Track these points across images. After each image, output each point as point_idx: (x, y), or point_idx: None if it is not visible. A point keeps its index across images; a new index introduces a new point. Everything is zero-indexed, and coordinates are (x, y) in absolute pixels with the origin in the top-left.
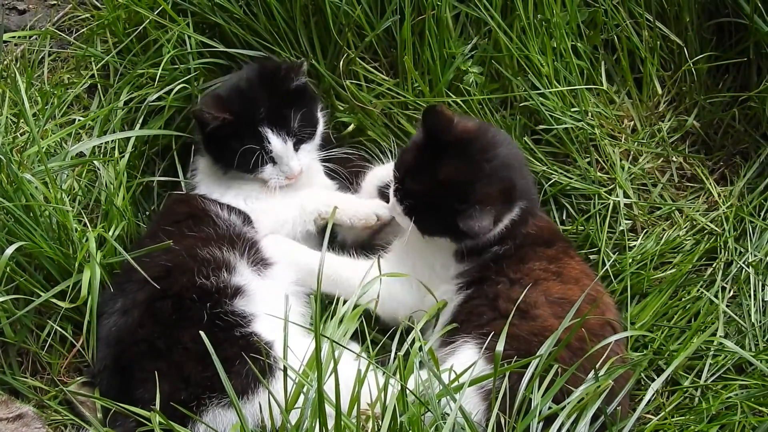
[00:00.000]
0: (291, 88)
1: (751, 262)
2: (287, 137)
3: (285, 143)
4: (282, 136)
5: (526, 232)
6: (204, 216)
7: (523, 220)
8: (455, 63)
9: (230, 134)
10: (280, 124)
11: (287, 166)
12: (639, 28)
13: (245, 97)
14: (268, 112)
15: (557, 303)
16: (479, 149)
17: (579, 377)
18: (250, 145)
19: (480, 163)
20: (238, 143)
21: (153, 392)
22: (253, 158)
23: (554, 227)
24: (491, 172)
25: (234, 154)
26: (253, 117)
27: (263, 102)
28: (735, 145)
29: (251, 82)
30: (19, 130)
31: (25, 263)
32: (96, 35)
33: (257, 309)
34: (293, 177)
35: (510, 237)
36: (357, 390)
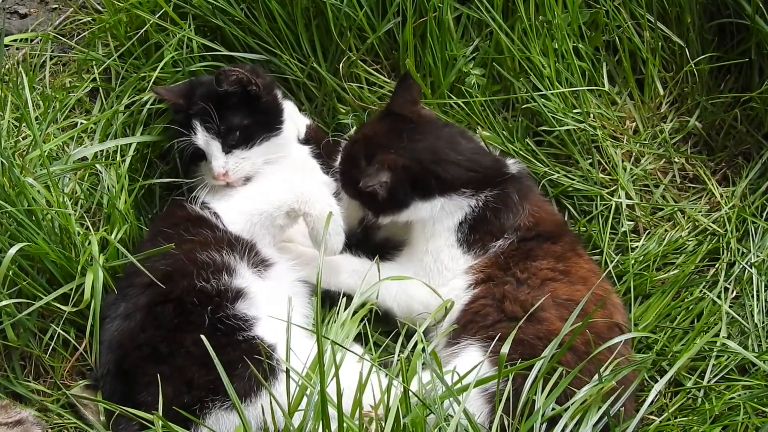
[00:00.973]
0: (221, 91)
1: (753, 262)
2: (214, 136)
3: (209, 140)
4: (209, 133)
5: (523, 223)
6: (202, 219)
7: (507, 207)
8: (457, 65)
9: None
10: (207, 121)
11: (211, 164)
12: (640, 29)
13: (191, 89)
14: (202, 108)
15: (564, 305)
16: (410, 129)
17: (585, 380)
18: (183, 136)
19: (401, 138)
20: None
21: (156, 396)
22: (185, 149)
23: (557, 218)
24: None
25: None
26: (189, 107)
27: (201, 97)
28: (737, 145)
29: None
30: (21, 134)
31: (27, 267)
32: (97, 39)
33: (259, 312)
34: (217, 177)
35: (505, 229)
36: (360, 392)
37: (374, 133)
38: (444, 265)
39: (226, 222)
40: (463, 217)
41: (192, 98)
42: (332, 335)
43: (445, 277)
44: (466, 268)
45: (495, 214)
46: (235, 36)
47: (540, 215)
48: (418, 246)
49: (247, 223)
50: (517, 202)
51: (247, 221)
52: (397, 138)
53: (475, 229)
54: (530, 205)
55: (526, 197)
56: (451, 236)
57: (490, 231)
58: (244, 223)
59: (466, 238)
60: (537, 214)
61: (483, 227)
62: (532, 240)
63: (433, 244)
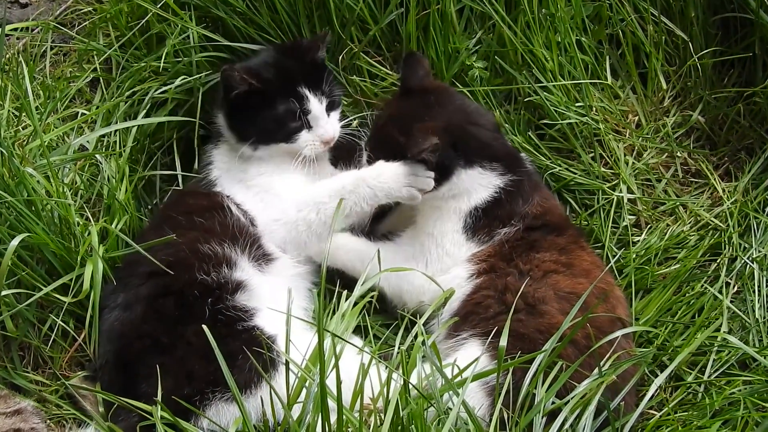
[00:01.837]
0: (318, 57)
1: (755, 257)
2: (322, 97)
3: (321, 104)
4: (318, 96)
5: (531, 211)
6: (209, 210)
7: (519, 193)
8: (460, 58)
9: (258, 103)
10: (315, 84)
11: (323, 128)
12: (644, 22)
13: (276, 67)
14: (304, 74)
15: (566, 298)
16: (433, 99)
17: (584, 374)
18: (285, 107)
19: (429, 107)
20: (271, 109)
21: (157, 387)
22: (290, 121)
23: (562, 211)
24: (438, 114)
25: (265, 123)
26: (288, 80)
27: (295, 68)
28: (740, 140)
29: (276, 57)
30: (21, 124)
31: (27, 257)
32: (98, 29)
33: (259, 303)
34: (329, 141)
35: (514, 215)
36: (359, 384)
37: (400, 110)
38: (445, 250)
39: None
40: (483, 200)
41: (281, 73)
42: (332, 327)
43: (445, 264)
44: (469, 256)
45: (508, 198)
46: (236, 26)
47: (547, 206)
48: (423, 228)
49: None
50: (529, 190)
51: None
52: (424, 108)
53: (487, 214)
54: (539, 196)
55: (536, 188)
56: (459, 221)
57: (499, 216)
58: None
59: (474, 224)
60: (545, 205)
61: (494, 211)
62: (538, 230)
63: (439, 228)
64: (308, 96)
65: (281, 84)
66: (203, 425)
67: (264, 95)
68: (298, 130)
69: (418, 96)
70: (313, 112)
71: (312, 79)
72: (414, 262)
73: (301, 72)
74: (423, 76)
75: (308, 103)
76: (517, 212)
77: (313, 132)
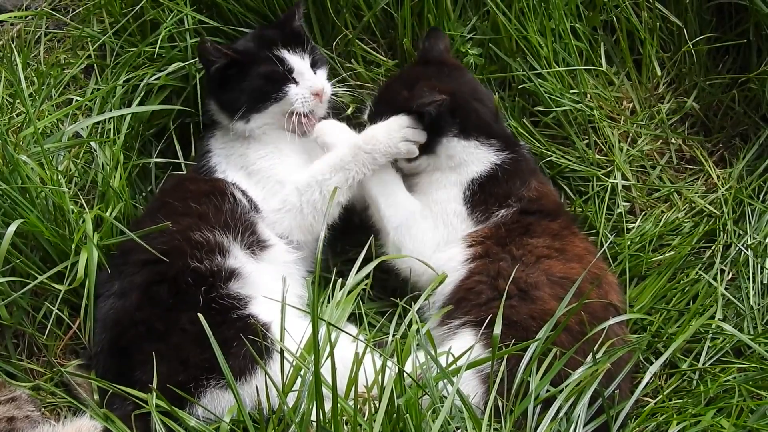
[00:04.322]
0: (295, 25)
1: (750, 244)
2: (304, 53)
3: (303, 59)
4: (299, 53)
5: (527, 194)
6: (206, 195)
7: (516, 173)
8: (454, 45)
9: (240, 73)
10: (294, 43)
11: (310, 80)
12: (638, 9)
13: (251, 38)
14: (282, 38)
15: (559, 284)
16: (447, 71)
17: (579, 361)
18: (268, 67)
19: (440, 74)
20: (253, 75)
21: (151, 374)
22: (274, 80)
23: (557, 197)
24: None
25: (250, 88)
26: (264, 45)
27: (272, 35)
28: (734, 127)
29: (256, 32)
30: (15, 111)
31: (21, 245)
32: (92, 15)
33: (253, 291)
34: (319, 92)
35: (510, 195)
36: (354, 373)
37: (411, 72)
38: (449, 218)
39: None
40: (478, 174)
41: (258, 41)
42: (327, 315)
43: (450, 232)
44: (466, 235)
45: (505, 177)
46: (231, 11)
47: (543, 191)
48: (429, 197)
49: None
50: (525, 172)
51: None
52: (436, 74)
53: (484, 189)
54: (536, 180)
55: (532, 172)
56: (460, 192)
57: (496, 193)
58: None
59: (472, 197)
60: (541, 189)
61: (491, 188)
62: (533, 214)
63: (443, 195)
64: (287, 57)
65: (259, 50)
66: (198, 413)
67: (244, 65)
68: (285, 84)
69: (434, 66)
70: (297, 69)
71: (291, 42)
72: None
73: (279, 37)
74: (443, 51)
75: (289, 62)
76: (513, 193)
77: (301, 85)
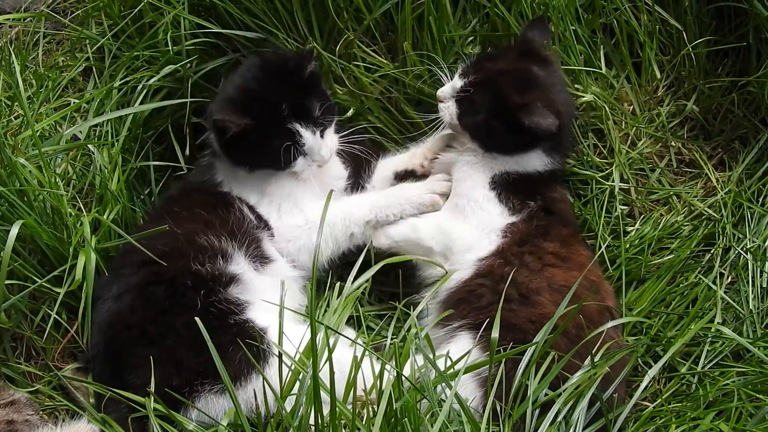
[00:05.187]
0: (306, 77)
1: (749, 248)
2: (315, 128)
3: (314, 134)
4: (310, 128)
5: (551, 195)
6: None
7: (553, 175)
8: (454, 47)
9: (253, 137)
10: (305, 116)
11: (319, 155)
12: (638, 12)
13: (262, 97)
14: (292, 107)
15: (559, 291)
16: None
17: (576, 364)
18: (279, 143)
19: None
20: (265, 144)
21: (144, 378)
22: (285, 154)
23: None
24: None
25: (261, 155)
26: (277, 114)
27: (284, 97)
28: (734, 130)
29: (260, 80)
30: (13, 114)
31: (19, 248)
32: (91, 17)
33: (252, 297)
34: (325, 164)
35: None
36: (353, 376)
37: (523, 69)
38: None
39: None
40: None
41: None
42: (325, 319)
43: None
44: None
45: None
46: (229, 14)
47: (564, 194)
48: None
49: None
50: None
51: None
52: (548, 81)
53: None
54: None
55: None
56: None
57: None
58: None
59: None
60: (562, 192)
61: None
62: (553, 214)
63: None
64: (300, 131)
65: (272, 119)
66: (191, 417)
67: (256, 130)
68: (294, 158)
69: (540, 64)
70: (308, 144)
71: (302, 109)
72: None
73: (290, 103)
74: (546, 45)
75: (301, 138)
76: (541, 191)
77: (308, 158)
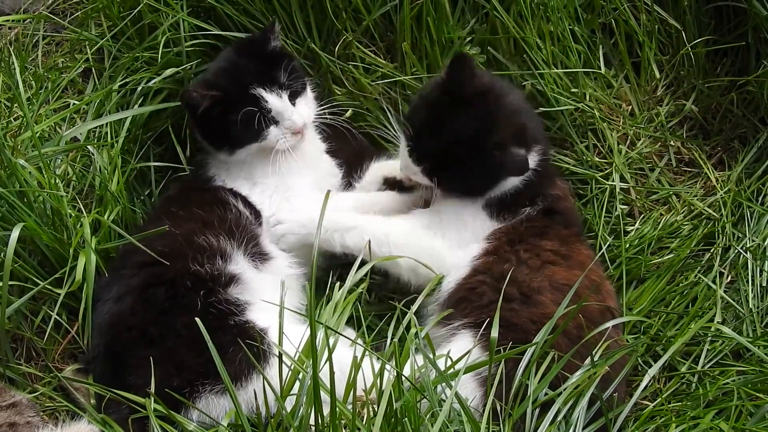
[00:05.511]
0: (269, 49)
1: (749, 247)
2: (281, 91)
3: (281, 97)
4: (275, 92)
5: (553, 192)
6: (210, 204)
7: (545, 173)
8: (453, 47)
9: (223, 111)
10: (269, 81)
11: (289, 120)
12: (637, 11)
13: (228, 71)
14: (257, 74)
15: (561, 290)
16: (493, 99)
17: (576, 364)
18: (247, 110)
19: (495, 112)
20: (234, 115)
21: (144, 378)
22: (254, 122)
23: (575, 204)
24: (505, 118)
25: (232, 129)
26: (242, 84)
27: (248, 68)
28: (733, 129)
29: (230, 58)
30: (12, 115)
31: (19, 249)
32: (90, 19)
33: (252, 297)
34: (298, 130)
35: (539, 195)
36: (353, 376)
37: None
38: (464, 223)
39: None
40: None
41: (235, 76)
42: (324, 319)
43: (463, 238)
44: (488, 234)
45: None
46: (228, 15)
47: (565, 189)
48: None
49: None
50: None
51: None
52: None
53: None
54: (557, 177)
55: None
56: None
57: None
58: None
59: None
60: (563, 187)
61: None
62: (554, 216)
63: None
64: (263, 95)
65: (237, 89)
66: (192, 417)
67: (225, 103)
68: (265, 127)
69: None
70: (275, 109)
71: (267, 76)
72: (431, 231)
73: (255, 71)
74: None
75: (266, 102)
76: (542, 192)
77: (281, 126)
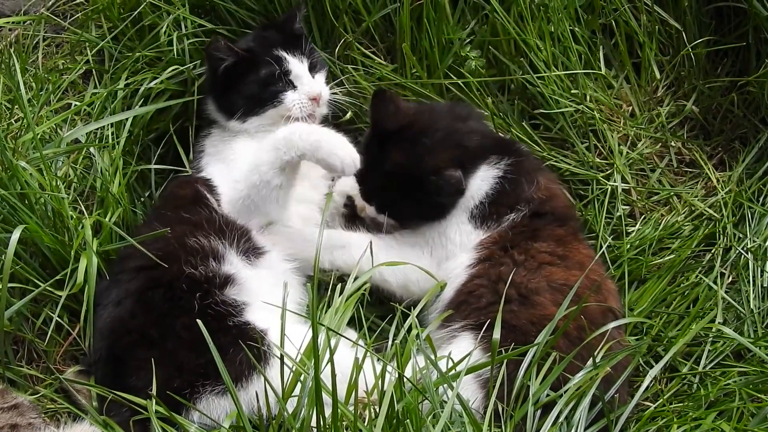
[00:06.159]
0: (296, 27)
1: (750, 247)
2: (302, 57)
3: (302, 62)
4: (297, 56)
5: (537, 196)
6: (201, 198)
7: (519, 179)
8: (453, 49)
9: (243, 73)
10: (294, 46)
11: (308, 85)
12: (637, 12)
13: (254, 37)
14: (282, 40)
15: (560, 290)
16: (420, 129)
17: (578, 365)
18: (268, 69)
19: (422, 142)
20: (254, 75)
21: (145, 380)
22: (273, 83)
23: (567, 198)
24: (434, 146)
25: (250, 89)
26: (266, 45)
27: (273, 36)
28: (734, 130)
29: (258, 32)
30: (13, 117)
31: (20, 251)
32: (91, 20)
33: (250, 298)
34: (317, 97)
35: (519, 201)
36: (354, 378)
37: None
38: (449, 239)
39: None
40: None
41: (261, 40)
42: (326, 321)
43: (450, 252)
44: (476, 243)
45: (511, 185)
46: (230, 13)
47: (553, 190)
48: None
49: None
50: (530, 170)
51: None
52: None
53: (493, 202)
54: (544, 177)
55: (538, 169)
56: (465, 213)
57: (505, 202)
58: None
59: (480, 214)
60: (551, 188)
61: (500, 198)
62: (544, 216)
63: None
64: (287, 57)
65: (261, 50)
66: (193, 419)
67: (248, 64)
68: (283, 90)
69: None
70: (295, 72)
71: (290, 43)
72: (418, 249)
73: (279, 39)
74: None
75: (287, 63)
76: (522, 197)
77: (299, 91)
